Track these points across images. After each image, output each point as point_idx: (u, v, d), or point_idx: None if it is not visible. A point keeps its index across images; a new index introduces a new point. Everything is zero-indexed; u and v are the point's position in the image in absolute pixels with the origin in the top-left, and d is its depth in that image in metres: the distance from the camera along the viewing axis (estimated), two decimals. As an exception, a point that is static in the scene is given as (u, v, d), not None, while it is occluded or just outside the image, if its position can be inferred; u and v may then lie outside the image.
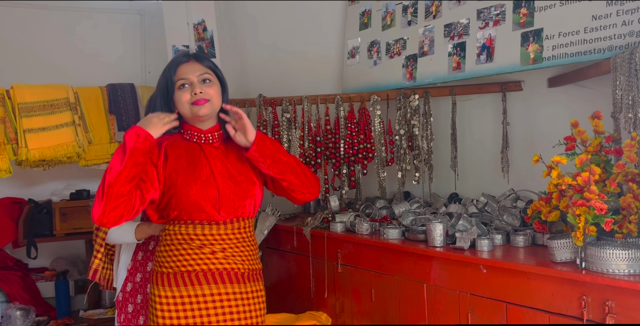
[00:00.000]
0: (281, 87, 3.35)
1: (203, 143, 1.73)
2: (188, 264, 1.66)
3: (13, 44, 3.38)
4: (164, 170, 1.65)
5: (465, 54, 2.68)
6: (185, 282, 1.65)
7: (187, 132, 1.74)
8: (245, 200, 1.72)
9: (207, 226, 1.67)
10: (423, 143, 2.91)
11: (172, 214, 1.67)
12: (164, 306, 1.64)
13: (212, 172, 1.69)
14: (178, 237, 1.67)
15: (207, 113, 1.69)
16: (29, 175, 3.39)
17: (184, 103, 1.68)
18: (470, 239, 2.25)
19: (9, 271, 3.22)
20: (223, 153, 1.75)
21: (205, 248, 1.67)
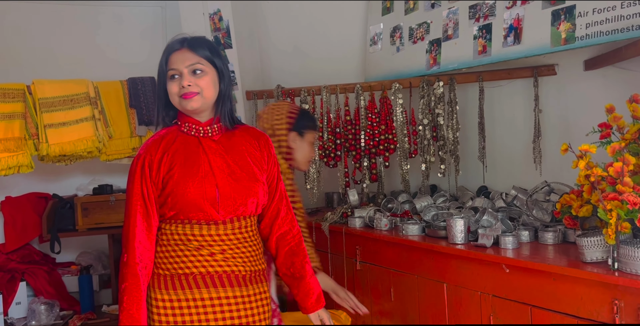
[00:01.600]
0: (302, 77, 3.24)
1: (202, 137, 1.60)
2: (185, 266, 1.55)
3: (33, 39, 3.40)
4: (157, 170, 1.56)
5: (491, 37, 2.49)
6: (183, 286, 1.54)
7: (185, 124, 1.60)
8: (247, 199, 1.58)
9: (205, 226, 1.54)
10: (448, 134, 2.74)
11: (169, 213, 1.55)
12: (161, 310, 1.54)
13: (211, 168, 1.56)
14: (175, 237, 1.56)
15: (196, 107, 1.56)
16: (56, 170, 3.41)
17: (174, 95, 1.57)
18: (493, 236, 2.08)
19: (35, 265, 3.25)
20: (224, 147, 1.60)
21: (203, 250, 1.55)
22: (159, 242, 1.58)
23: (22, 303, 3.13)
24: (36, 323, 2.98)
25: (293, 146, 2.11)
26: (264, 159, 1.65)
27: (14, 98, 2.94)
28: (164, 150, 1.56)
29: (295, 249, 1.70)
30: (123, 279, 1.51)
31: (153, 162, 1.55)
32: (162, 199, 1.55)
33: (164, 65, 1.58)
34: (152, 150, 1.56)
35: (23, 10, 3.37)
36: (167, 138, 1.59)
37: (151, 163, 1.55)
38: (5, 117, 2.89)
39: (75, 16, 3.51)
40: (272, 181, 1.68)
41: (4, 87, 2.91)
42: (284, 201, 1.71)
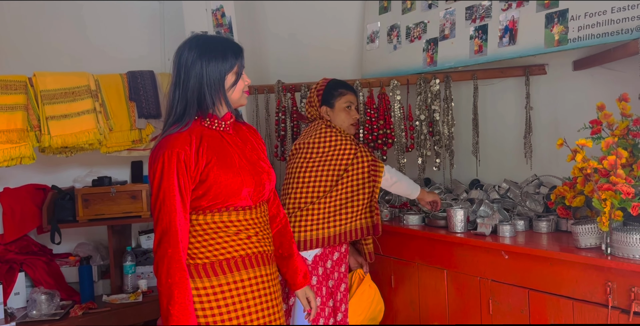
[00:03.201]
0: (300, 72, 3.33)
1: (222, 131, 1.71)
2: (226, 251, 1.63)
3: (35, 33, 3.40)
4: (196, 164, 1.60)
5: (487, 37, 2.62)
6: (224, 270, 1.62)
7: (207, 120, 1.69)
8: (271, 184, 1.75)
9: (241, 212, 1.66)
10: (444, 129, 2.87)
11: (206, 204, 1.62)
12: (203, 297, 1.61)
13: (241, 158, 1.69)
14: (212, 226, 1.64)
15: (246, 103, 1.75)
16: (53, 161, 3.43)
17: (240, 91, 1.68)
18: (491, 225, 2.22)
19: (34, 256, 3.27)
20: (240, 140, 1.74)
21: (241, 234, 1.66)
22: (191, 233, 1.63)
23: (20, 294, 3.15)
24: (37, 312, 3.00)
25: (329, 118, 2.39)
26: (264, 149, 1.82)
27: (16, 90, 2.95)
28: (197, 145, 1.61)
29: (283, 231, 1.86)
30: (169, 274, 1.53)
31: (189, 157, 1.58)
32: (201, 191, 1.61)
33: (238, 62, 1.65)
34: (186, 146, 1.59)
35: (24, 3, 3.37)
36: (194, 134, 1.63)
37: (188, 158, 1.58)
38: (8, 109, 2.90)
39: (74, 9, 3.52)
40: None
41: (6, 79, 2.92)
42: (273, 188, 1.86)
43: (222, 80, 1.63)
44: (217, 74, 1.62)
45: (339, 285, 2.26)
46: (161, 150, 1.58)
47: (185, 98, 1.64)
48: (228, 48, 1.65)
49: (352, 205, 2.26)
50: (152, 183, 1.59)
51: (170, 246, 1.55)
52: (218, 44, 1.65)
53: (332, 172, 2.27)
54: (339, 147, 2.30)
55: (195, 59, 1.62)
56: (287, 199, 2.30)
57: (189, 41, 1.67)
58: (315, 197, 2.26)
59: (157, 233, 1.57)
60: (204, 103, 1.63)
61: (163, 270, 1.54)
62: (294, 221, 2.25)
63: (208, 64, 1.61)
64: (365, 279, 2.40)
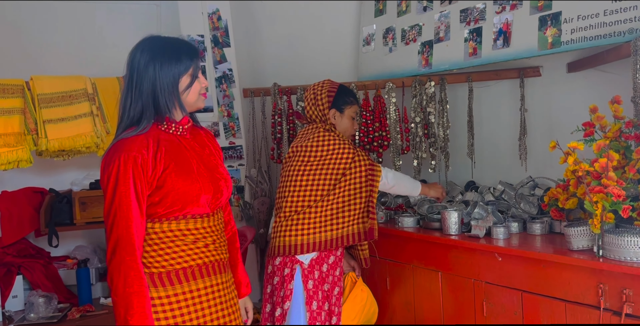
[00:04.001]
0: (296, 75, 3.34)
1: (179, 136, 1.65)
2: (183, 260, 1.59)
3: (31, 36, 3.41)
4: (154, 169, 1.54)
5: (481, 40, 2.63)
6: (180, 279, 1.58)
7: (164, 124, 1.62)
8: (228, 191, 1.71)
9: (199, 219, 1.61)
10: (439, 131, 2.88)
11: (163, 211, 1.56)
12: (158, 307, 1.55)
13: (199, 164, 1.64)
14: (168, 234, 1.58)
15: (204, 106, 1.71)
16: (51, 165, 3.44)
17: (196, 93, 1.64)
18: (485, 227, 2.23)
19: (31, 259, 3.28)
20: (197, 144, 1.69)
21: (199, 242, 1.61)
22: (147, 241, 1.57)
23: (18, 297, 3.16)
24: (35, 315, 3.01)
25: (333, 122, 2.38)
26: (220, 154, 1.78)
27: (13, 94, 2.96)
28: (155, 149, 1.55)
29: (232, 239, 1.83)
30: (127, 283, 1.47)
31: (147, 161, 1.51)
32: (157, 198, 1.54)
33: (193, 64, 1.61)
34: (143, 150, 1.52)
35: (20, 7, 3.38)
36: (151, 138, 1.56)
37: (145, 162, 1.51)
38: (5, 113, 2.91)
39: (71, 13, 3.53)
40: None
41: (3, 83, 2.93)
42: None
43: (175, 83, 1.59)
44: (170, 77, 1.58)
45: (333, 289, 2.26)
46: (116, 153, 1.51)
47: (140, 101, 1.57)
48: (182, 50, 1.61)
49: (349, 210, 2.26)
50: (105, 188, 1.51)
51: (127, 254, 1.47)
52: (171, 46, 1.61)
53: (329, 175, 2.27)
54: (337, 150, 2.29)
55: (147, 61, 1.57)
56: (284, 202, 2.30)
57: (141, 43, 1.62)
58: (312, 200, 2.26)
59: (112, 240, 1.49)
60: (159, 107, 1.58)
61: (120, 279, 1.47)
62: (291, 224, 2.25)
63: (161, 66, 1.56)
64: (358, 283, 2.40)
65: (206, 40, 3.13)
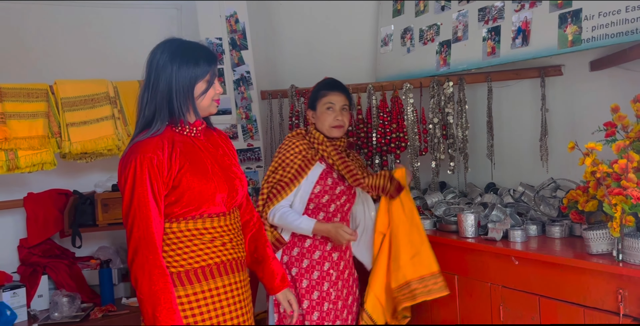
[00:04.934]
0: (314, 77, 3.31)
1: (193, 137, 1.67)
2: (201, 259, 1.61)
3: (55, 41, 3.50)
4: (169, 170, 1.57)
5: (500, 39, 2.58)
6: (199, 278, 1.60)
7: (178, 126, 1.64)
8: (243, 190, 1.72)
9: (215, 218, 1.64)
10: (458, 132, 2.83)
11: (179, 211, 1.58)
12: (178, 306, 1.57)
13: (213, 164, 1.66)
14: (186, 233, 1.61)
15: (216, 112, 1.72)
16: (75, 167, 3.51)
17: (209, 98, 1.65)
18: (503, 230, 2.18)
19: (56, 259, 3.35)
20: (211, 145, 1.71)
21: (216, 241, 1.64)
22: (165, 241, 1.59)
23: (44, 296, 3.23)
24: (59, 314, 3.08)
25: (314, 121, 2.32)
26: (235, 155, 1.80)
27: (38, 98, 3.03)
28: (170, 150, 1.57)
29: (257, 235, 1.84)
30: (153, 281, 1.49)
31: (162, 162, 1.54)
32: (173, 198, 1.57)
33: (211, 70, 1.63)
34: (158, 151, 1.55)
35: (43, 12, 3.46)
36: (166, 139, 1.60)
37: (160, 163, 1.54)
38: (30, 116, 2.98)
39: (94, 18, 3.61)
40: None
41: (28, 87, 3.01)
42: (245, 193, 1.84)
43: (191, 86, 1.60)
44: (187, 79, 1.59)
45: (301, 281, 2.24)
46: (132, 155, 1.53)
47: (154, 102, 1.59)
48: (201, 55, 1.62)
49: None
50: (123, 190, 1.54)
51: (150, 253, 1.50)
52: (192, 49, 1.62)
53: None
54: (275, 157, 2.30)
55: (166, 62, 1.58)
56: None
57: (162, 44, 1.63)
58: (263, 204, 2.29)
59: (133, 240, 1.51)
60: (173, 109, 1.60)
61: (145, 277, 1.49)
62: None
63: (179, 68, 1.57)
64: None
65: (224, 43, 3.16)
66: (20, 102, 2.98)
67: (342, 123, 2.27)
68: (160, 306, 1.49)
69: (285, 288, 1.86)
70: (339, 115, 2.27)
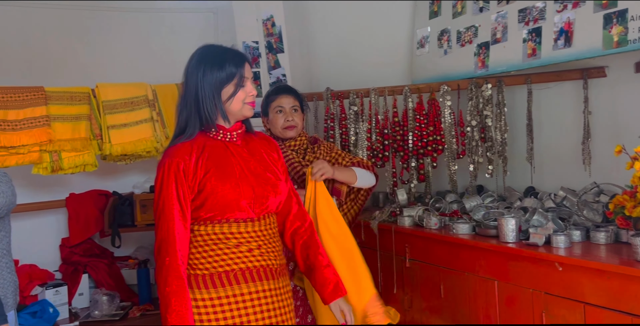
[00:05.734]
0: (349, 79, 3.33)
1: (227, 142, 1.68)
2: (225, 264, 1.61)
3: (98, 46, 3.59)
4: (194, 174, 1.60)
5: (541, 40, 2.53)
6: (223, 283, 1.60)
7: (213, 130, 1.67)
8: (276, 197, 1.70)
9: (242, 224, 1.63)
10: (496, 135, 2.79)
11: (205, 215, 1.61)
12: (202, 309, 1.59)
13: (243, 169, 1.66)
14: (212, 237, 1.62)
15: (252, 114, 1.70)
16: (114, 168, 3.59)
17: (239, 101, 1.65)
18: (545, 235, 2.13)
19: (96, 258, 3.43)
20: (247, 151, 1.71)
21: (242, 246, 1.63)
22: (193, 243, 1.62)
23: (84, 294, 3.31)
24: (99, 312, 3.15)
25: (269, 127, 2.34)
26: (277, 161, 1.78)
27: (80, 101, 3.11)
28: (197, 156, 1.61)
29: (308, 241, 1.79)
30: (167, 283, 1.52)
31: (188, 166, 1.59)
32: (199, 202, 1.60)
33: (238, 73, 1.63)
34: (186, 156, 1.60)
35: (85, 17, 3.56)
36: (196, 144, 1.63)
37: (186, 168, 1.58)
38: (73, 119, 3.07)
39: (133, 22, 3.69)
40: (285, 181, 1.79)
41: (71, 91, 3.09)
42: (294, 199, 1.81)
43: (217, 91, 1.61)
44: (211, 84, 1.61)
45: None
46: (163, 159, 1.61)
47: (186, 108, 1.63)
48: (227, 57, 1.63)
49: None
50: (154, 192, 1.62)
51: (168, 255, 1.54)
52: (218, 53, 1.64)
53: None
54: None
55: (194, 68, 1.62)
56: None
57: (196, 51, 1.67)
58: None
59: (157, 241, 1.57)
60: (201, 115, 1.62)
61: (161, 278, 1.54)
62: None
63: (204, 73, 1.60)
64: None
65: (260, 47, 3.18)
66: (64, 105, 3.06)
67: (293, 123, 2.28)
68: (170, 308, 1.51)
69: (339, 298, 1.76)
70: (289, 116, 2.28)
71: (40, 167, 2.99)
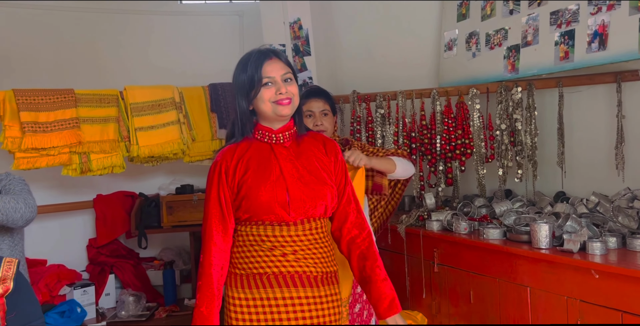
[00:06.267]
0: (376, 82, 3.32)
1: (274, 144, 1.67)
2: (259, 266, 1.62)
3: (125, 49, 3.63)
4: (233, 176, 1.65)
5: (574, 43, 2.49)
6: (257, 285, 1.62)
7: (258, 132, 1.68)
8: (316, 201, 1.63)
9: (277, 227, 1.62)
10: (526, 139, 2.75)
11: (243, 216, 1.64)
12: (237, 308, 1.63)
13: (282, 172, 1.63)
14: (250, 238, 1.65)
15: (289, 113, 1.65)
16: (141, 170, 3.62)
17: (267, 101, 1.62)
18: (580, 241, 2.10)
19: (123, 259, 3.47)
20: (294, 153, 1.68)
21: (276, 250, 1.62)
22: (235, 242, 1.67)
23: (111, 295, 3.35)
24: (125, 313, 3.18)
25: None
26: (331, 164, 1.72)
27: (109, 103, 3.14)
28: (239, 157, 1.66)
29: (366, 252, 1.70)
30: (198, 278, 1.63)
31: (229, 168, 1.65)
32: (237, 203, 1.64)
33: (257, 74, 1.62)
34: (228, 157, 1.66)
35: (113, 21, 3.60)
36: (241, 146, 1.68)
37: (227, 169, 1.65)
38: (101, 121, 3.10)
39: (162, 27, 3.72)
40: (339, 185, 1.72)
41: (100, 93, 3.12)
42: (352, 205, 1.73)
43: (243, 91, 1.65)
44: (239, 88, 1.66)
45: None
46: (213, 161, 1.69)
47: (234, 112, 1.71)
48: (249, 59, 1.65)
49: None
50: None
51: (203, 253, 1.64)
52: (243, 58, 1.68)
53: None
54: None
55: (233, 76, 1.69)
56: None
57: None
58: None
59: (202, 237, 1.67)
60: (243, 116, 1.67)
61: (198, 272, 1.65)
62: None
63: (235, 79, 1.68)
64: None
65: (287, 50, 3.19)
66: (93, 107, 3.09)
67: (322, 127, 2.26)
68: (197, 303, 1.62)
69: (395, 314, 1.66)
70: (318, 121, 2.27)
71: (70, 168, 3.03)
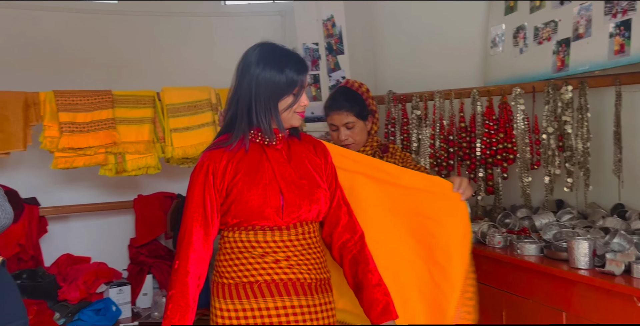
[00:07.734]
0: (417, 81, 3.13)
1: (266, 145, 1.57)
2: (250, 274, 1.51)
3: (164, 50, 3.67)
4: (222, 178, 1.52)
5: (630, 34, 2.19)
6: (248, 295, 1.50)
7: (251, 133, 1.56)
8: (310, 205, 1.55)
9: (269, 232, 1.52)
10: (577, 144, 2.46)
11: (232, 221, 1.52)
12: (226, 320, 1.51)
13: (275, 175, 1.55)
14: (238, 244, 1.53)
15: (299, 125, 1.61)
16: (179, 171, 3.65)
17: (290, 110, 1.54)
18: (625, 262, 1.82)
19: (161, 260, 3.50)
20: (286, 155, 1.60)
21: (267, 257, 1.52)
22: (222, 250, 1.56)
23: (148, 294, 3.39)
24: (159, 314, 3.20)
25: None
26: (322, 166, 1.64)
27: (145, 104, 3.18)
28: (229, 158, 1.53)
29: (357, 256, 1.62)
30: (171, 286, 1.49)
31: (217, 169, 1.52)
32: (226, 207, 1.53)
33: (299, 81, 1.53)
34: (217, 158, 1.53)
35: (151, 23, 3.66)
36: (230, 147, 1.55)
37: (215, 171, 1.52)
38: (137, 122, 3.14)
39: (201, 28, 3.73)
40: (329, 188, 1.63)
41: (137, 94, 3.17)
42: (344, 208, 1.65)
43: (273, 94, 1.50)
44: (268, 87, 1.49)
45: None
46: (198, 160, 1.56)
47: (235, 107, 1.53)
48: (290, 62, 1.51)
49: None
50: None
51: (178, 259, 1.50)
52: (280, 54, 1.53)
53: None
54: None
55: (251, 64, 1.51)
56: None
57: (253, 46, 1.56)
58: None
59: (177, 239, 1.54)
60: (252, 118, 1.51)
61: (170, 280, 1.50)
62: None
63: (262, 71, 1.49)
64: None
65: (320, 48, 3.08)
66: (129, 108, 3.15)
67: (348, 142, 2.12)
68: (166, 313, 1.47)
69: (389, 321, 1.57)
70: (342, 135, 2.12)
71: (106, 168, 3.10)
